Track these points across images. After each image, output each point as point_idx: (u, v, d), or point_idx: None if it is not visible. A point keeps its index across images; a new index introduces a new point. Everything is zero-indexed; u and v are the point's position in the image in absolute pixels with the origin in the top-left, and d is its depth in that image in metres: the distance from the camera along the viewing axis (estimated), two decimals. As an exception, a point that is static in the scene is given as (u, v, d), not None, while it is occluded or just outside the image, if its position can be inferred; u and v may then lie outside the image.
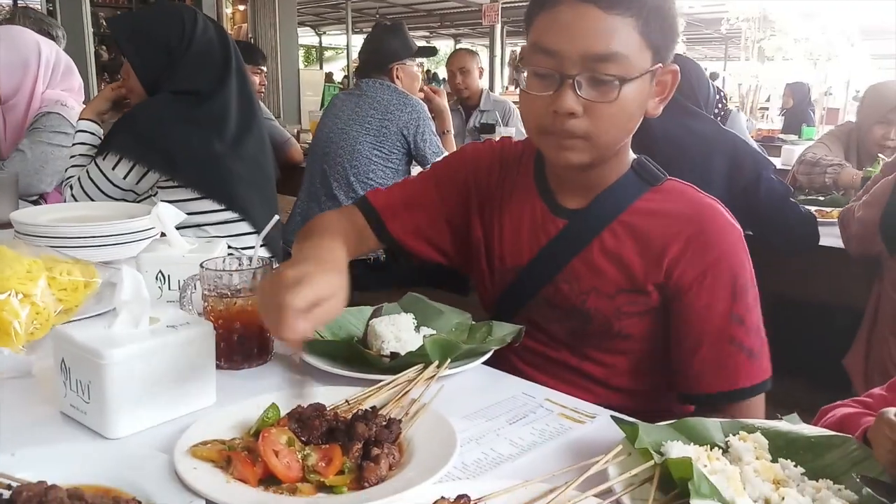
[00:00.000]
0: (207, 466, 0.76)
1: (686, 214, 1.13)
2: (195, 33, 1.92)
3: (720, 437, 0.86)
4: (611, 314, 1.15)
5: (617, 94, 1.01)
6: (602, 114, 1.03)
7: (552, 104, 1.03)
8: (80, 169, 1.95)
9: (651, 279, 1.12)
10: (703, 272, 1.10)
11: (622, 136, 1.10)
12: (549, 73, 1.03)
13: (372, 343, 1.09)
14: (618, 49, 1.00)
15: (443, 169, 1.33)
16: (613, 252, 1.14)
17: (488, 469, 0.82)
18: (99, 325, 0.91)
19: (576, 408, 0.98)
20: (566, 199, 1.19)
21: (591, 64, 1.00)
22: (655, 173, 1.17)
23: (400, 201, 1.28)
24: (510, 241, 1.23)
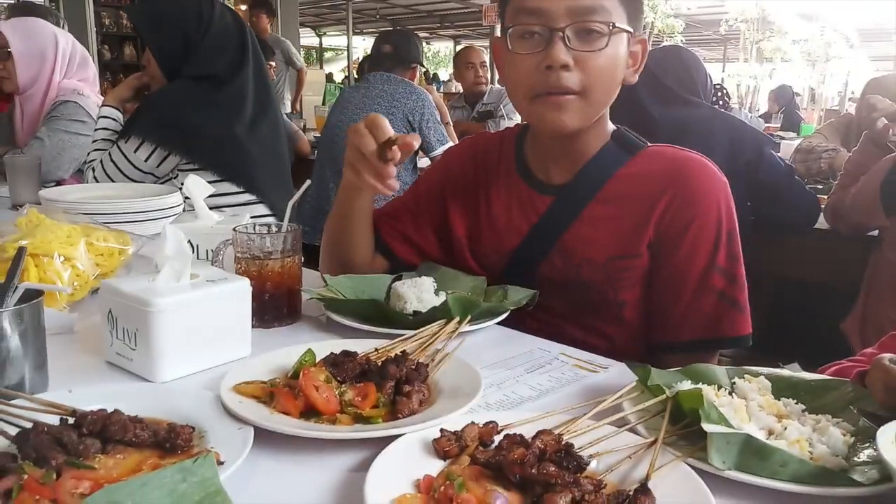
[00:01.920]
0: (251, 401, 0.82)
1: (669, 172, 1.17)
2: (213, 19, 1.99)
3: (726, 380, 0.92)
4: (605, 283, 1.20)
5: (606, 42, 1.07)
6: (593, 65, 1.08)
7: (543, 60, 1.07)
8: (103, 153, 2.01)
9: (643, 240, 1.17)
10: (688, 223, 1.14)
11: (611, 92, 1.15)
12: (537, 31, 1.08)
13: (395, 304, 1.15)
14: (603, 3, 1.07)
15: (420, 180, 1.44)
16: (603, 220, 1.19)
17: (510, 408, 0.88)
18: (144, 279, 0.97)
19: (590, 360, 1.04)
20: (551, 176, 1.24)
21: (578, 16, 1.06)
22: (636, 141, 1.23)
23: (384, 213, 1.39)
24: (502, 225, 1.28)
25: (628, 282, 1.20)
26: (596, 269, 1.20)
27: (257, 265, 1.11)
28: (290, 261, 1.13)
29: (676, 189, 1.16)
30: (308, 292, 1.16)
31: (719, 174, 1.19)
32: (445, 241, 1.37)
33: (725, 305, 1.15)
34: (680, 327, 1.17)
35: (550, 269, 1.23)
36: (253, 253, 1.11)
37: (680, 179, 1.16)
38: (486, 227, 1.31)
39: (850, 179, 2.24)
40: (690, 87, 2.33)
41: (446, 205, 1.36)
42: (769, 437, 0.79)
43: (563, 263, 1.22)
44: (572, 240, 1.21)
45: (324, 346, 0.96)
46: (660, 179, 1.17)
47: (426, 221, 1.37)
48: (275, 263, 1.11)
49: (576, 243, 1.21)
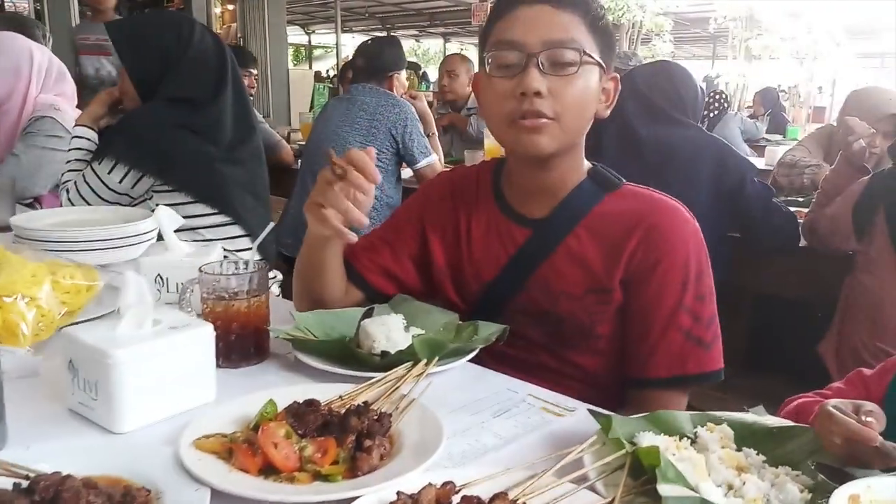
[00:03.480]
0: (211, 458, 0.82)
1: (642, 211, 1.20)
2: (192, 42, 1.97)
3: (689, 428, 0.92)
4: (582, 315, 1.22)
5: (577, 70, 1.11)
6: (565, 92, 1.12)
7: (518, 87, 1.11)
8: (77, 174, 2.00)
9: (615, 276, 1.19)
10: (657, 262, 1.17)
11: (583, 121, 1.18)
12: (514, 61, 1.12)
13: (363, 342, 1.14)
14: (574, 36, 1.12)
15: (401, 210, 1.45)
16: (578, 255, 1.22)
17: (473, 459, 0.88)
18: (104, 327, 0.96)
19: (557, 402, 1.04)
20: (528, 210, 1.26)
21: (552, 48, 1.11)
22: (612, 180, 1.25)
23: (361, 246, 1.36)
24: (479, 256, 1.30)
25: (605, 315, 1.22)
26: (573, 301, 1.22)
27: (223, 305, 1.10)
28: (257, 300, 1.12)
29: (647, 229, 1.18)
30: (275, 332, 1.15)
31: (691, 219, 1.22)
32: (425, 272, 1.37)
33: (691, 344, 1.17)
34: (648, 364, 1.19)
35: (528, 300, 1.25)
36: (219, 294, 1.10)
37: (649, 220, 1.19)
38: (465, 256, 1.32)
39: (826, 199, 2.25)
40: (679, 105, 2.33)
41: (426, 235, 1.36)
42: (728, 493, 0.79)
43: (541, 295, 1.24)
44: (549, 272, 1.23)
45: (288, 392, 0.96)
46: (631, 219, 1.20)
47: (405, 252, 1.37)
48: (241, 304, 1.11)
49: (553, 276, 1.23)
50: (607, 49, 1.18)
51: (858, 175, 2.18)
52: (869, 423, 0.81)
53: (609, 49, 1.19)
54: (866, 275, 2.04)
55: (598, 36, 1.15)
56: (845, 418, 0.82)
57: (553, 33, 1.12)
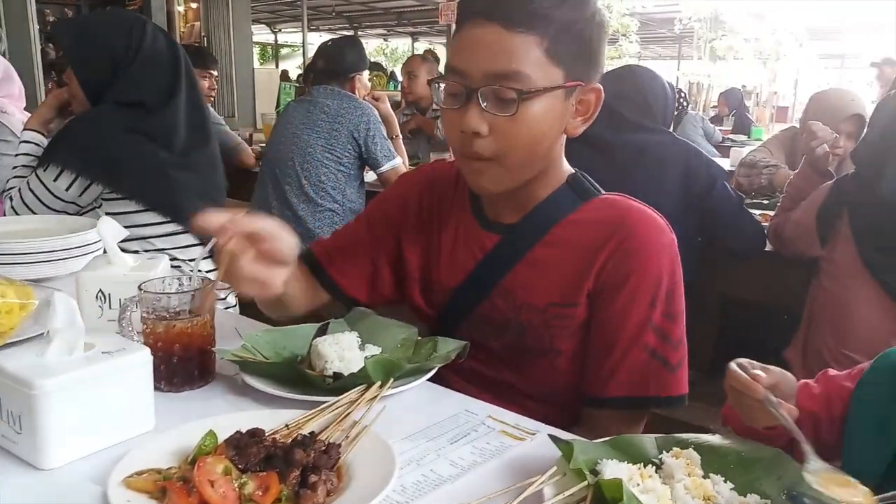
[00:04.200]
0: (142, 498, 0.76)
1: (615, 221, 1.12)
2: (143, 43, 1.88)
3: (654, 452, 0.88)
4: (542, 328, 1.15)
5: (516, 108, 1.01)
6: (507, 131, 1.03)
7: (460, 123, 1.04)
8: (22, 180, 1.90)
9: (583, 289, 1.12)
10: (627, 276, 1.09)
11: (533, 156, 1.08)
12: (458, 92, 1.05)
13: (315, 363, 1.09)
14: (518, 67, 1.00)
15: (374, 208, 1.34)
16: (546, 264, 1.15)
17: (427, 491, 0.83)
18: (31, 353, 0.89)
19: (517, 424, 1.00)
20: (499, 214, 1.19)
21: (493, 81, 1.01)
22: (589, 188, 1.18)
23: (337, 247, 1.30)
24: (447, 262, 1.24)
25: (565, 331, 1.15)
26: (535, 313, 1.16)
27: (164, 325, 1.04)
28: (201, 319, 1.06)
29: (620, 239, 1.11)
30: (221, 353, 1.09)
31: (668, 231, 1.14)
32: (398, 276, 1.30)
33: (656, 364, 1.10)
34: (608, 384, 1.12)
35: (491, 310, 1.19)
36: (159, 313, 1.04)
37: (625, 229, 1.11)
38: (434, 262, 1.26)
39: (791, 203, 2.24)
40: (647, 112, 2.28)
41: (401, 237, 1.29)
42: (695, 525, 0.75)
43: (505, 305, 1.18)
44: (515, 282, 1.17)
45: (232, 420, 0.90)
46: (606, 228, 1.12)
47: (381, 254, 1.30)
48: (183, 323, 1.04)
49: (517, 286, 1.17)
50: (583, 61, 1.06)
51: (822, 180, 2.17)
52: (757, 377, 0.89)
53: (586, 60, 1.06)
54: (831, 280, 2.03)
55: (566, 52, 1.03)
56: (737, 371, 0.90)
57: (497, 63, 1.00)
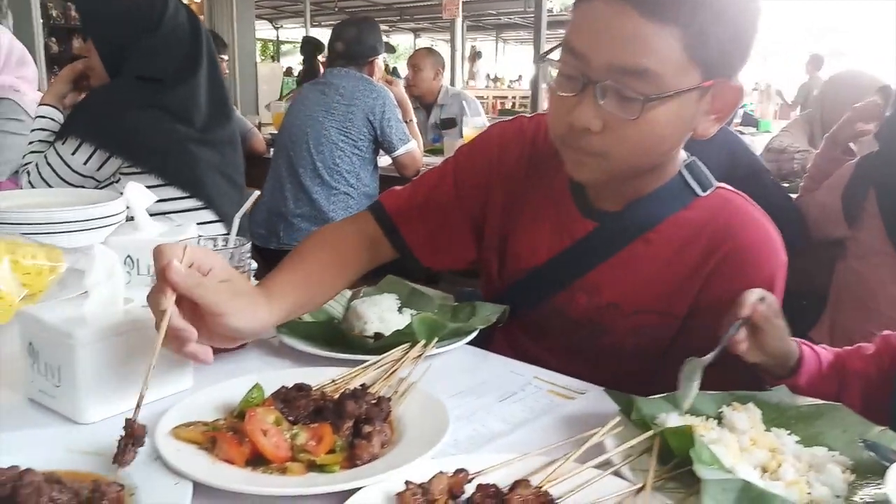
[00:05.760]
0: (191, 448, 0.73)
1: (726, 227, 1.00)
2: (164, 16, 1.86)
3: (712, 408, 0.85)
4: (626, 336, 1.04)
5: (640, 112, 0.87)
6: (623, 133, 0.89)
7: (570, 113, 0.90)
8: (39, 155, 1.87)
9: (681, 300, 1.01)
10: (729, 298, 0.93)
11: (648, 158, 0.96)
12: (573, 76, 0.90)
13: (354, 324, 1.06)
14: (649, 65, 0.85)
15: (463, 161, 1.18)
16: (643, 264, 1.02)
17: (481, 445, 0.80)
18: (69, 306, 0.86)
19: (565, 385, 0.97)
20: (600, 199, 1.06)
21: (617, 76, 0.86)
22: (705, 180, 1.05)
23: (415, 205, 1.15)
24: (531, 237, 1.11)
25: (653, 342, 1.04)
26: (620, 317, 1.04)
27: (201, 285, 1.01)
28: (238, 279, 1.03)
29: (731, 250, 0.99)
30: (258, 313, 1.06)
31: (781, 247, 1.03)
32: (479, 241, 1.17)
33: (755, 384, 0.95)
34: None
35: (569, 303, 1.07)
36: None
37: (737, 239, 0.99)
38: (515, 233, 1.13)
39: (813, 183, 2.22)
40: None
41: (489, 193, 1.14)
42: (763, 476, 0.73)
43: (587, 302, 1.06)
44: (603, 278, 1.04)
45: (274, 377, 0.87)
46: (717, 234, 1.00)
47: (464, 213, 1.15)
48: (220, 283, 1.01)
49: (605, 283, 1.04)
50: (729, 57, 0.89)
51: (845, 158, 2.14)
52: None
53: (732, 55, 0.90)
54: (858, 260, 2.00)
55: (710, 49, 0.86)
56: None
57: (624, 55, 0.85)
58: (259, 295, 0.90)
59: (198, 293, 0.79)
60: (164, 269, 0.77)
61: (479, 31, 20.10)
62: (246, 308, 0.84)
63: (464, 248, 1.17)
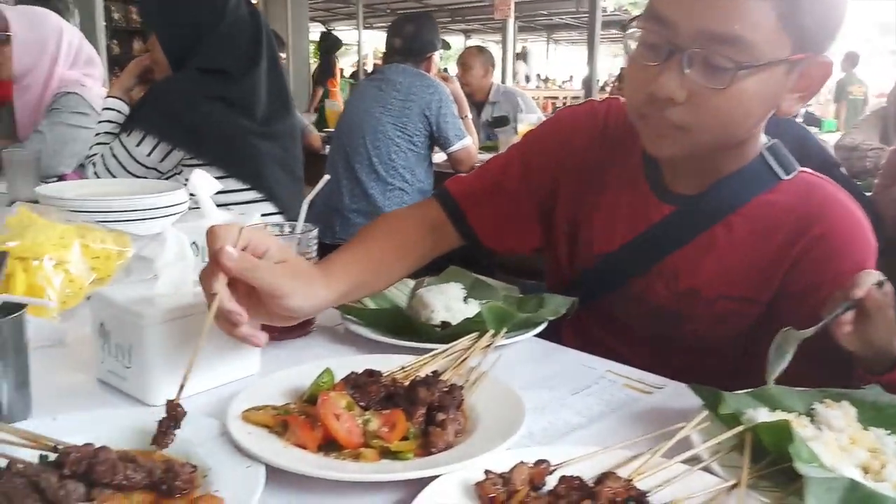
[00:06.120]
0: (262, 431, 0.72)
1: (816, 212, 0.96)
2: (226, 10, 1.88)
3: (802, 406, 0.80)
4: (710, 323, 1.01)
5: (730, 82, 0.84)
6: (708, 104, 0.86)
7: (652, 83, 0.87)
8: (105, 146, 1.91)
9: (766, 285, 0.97)
10: (820, 282, 0.92)
11: (731, 136, 0.93)
12: (657, 44, 0.87)
13: (420, 312, 1.04)
14: (743, 32, 0.82)
15: (531, 145, 1.17)
16: (725, 249, 0.99)
17: (557, 438, 0.77)
18: (140, 288, 0.86)
19: (641, 378, 0.93)
20: (677, 183, 1.02)
21: (707, 43, 0.83)
22: (788, 163, 1.01)
23: (481, 189, 1.13)
24: (605, 223, 1.08)
25: (735, 328, 1.01)
26: (701, 304, 1.00)
27: (268, 270, 1.00)
28: (304, 266, 1.02)
29: (819, 235, 0.95)
30: (324, 300, 1.04)
31: (870, 231, 0.98)
32: (548, 224, 1.15)
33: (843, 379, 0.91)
34: None
35: (647, 289, 1.04)
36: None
37: (825, 225, 0.95)
38: (587, 219, 1.10)
39: (890, 180, 2.12)
40: None
41: (558, 179, 1.12)
42: (865, 477, 0.68)
43: (664, 288, 1.03)
44: (682, 263, 1.01)
45: (342, 363, 0.85)
46: (803, 218, 0.96)
47: (532, 198, 1.13)
48: (287, 268, 1.00)
49: (685, 269, 1.01)
50: (818, 28, 0.86)
51: None
52: None
53: (824, 27, 0.87)
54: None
55: (804, 19, 0.84)
56: None
57: (716, 21, 0.82)
58: (317, 273, 0.88)
59: (252, 276, 0.78)
60: (216, 254, 0.76)
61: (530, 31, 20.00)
62: (303, 287, 0.82)
63: (529, 233, 1.16)
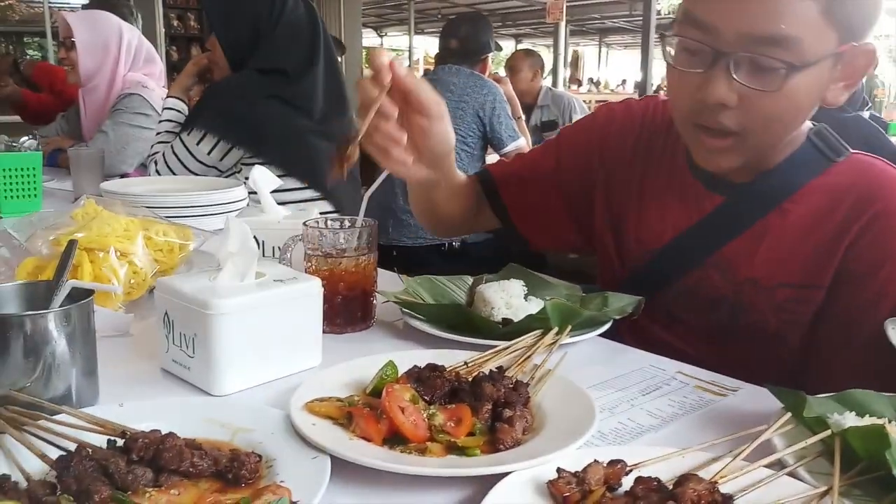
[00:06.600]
0: (326, 423, 0.70)
1: (872, 189, 0.94)
2: (284, 10, 1.90)
3: (891, 412, 0.76)
4: (768, 312, 0.99)
5: (782, 83, 0.83)
6: (761, 107, 0.86)
7: (700, 89, 0.86)
8: (166, 145, 1.95)
9: (827, 270, 0.95)
10: (882, 260, 0.91)
11: (787, 132, 0.93)
12: (700, 50, 0.86)
13: (480, 309, 1.02)
14: (789, 31, 0.81)
15: (567, 140, 1.18)
16: (780, 237, 0.97)
17: (630, 439, 0.74)
18: (204, 277, 0.86)
19: (713, 381, 0.89)
20: (726, 172, 1.01)
21: (752, 45, 0.83)
22: (837, 146, 0.99)
23: (517, 171, 1.17)
24: (652, 217, 1.08)
25: (797, 317, 0.98)
26: (761, 293, 0.99)
27: (329, 264, 0.99)
28: (366, 259, 1.01)
29: (876, 214, 0.93)
30: (383, 295, 1.03)
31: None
32: (582, 221, 1.16)
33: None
34: (841, 382, 0.87)
35: (702, 282, 1.03)
36: (325, 250, 0.99)
37: (880, 202, 0.93)
38: (634, 213, 1.10)
39: None
40: None
41: (593, 174, 1.14)
42: (966, 489, 0.63)
43: (721, 279, 1.01)
44: (737, 253, 1.00)
45: (403, 356, 0.83)
46: (858, 198, 0.94)
47: (563, 191, 1.15)
48: (349, 262, 0.99)
49: (741, 258, 1.00)
50: (860, 17, 0.86)
51: None
52: None
53: (865, 16, 0.87)
54: None
55: (847, 9, 0.84)
56: None
57: (758, 22, 0.82)
58: None
59: (418, 87, 0.85)
60: (388, 64, 0.81)
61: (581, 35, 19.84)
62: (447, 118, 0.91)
63: (562, 228, 1.17)
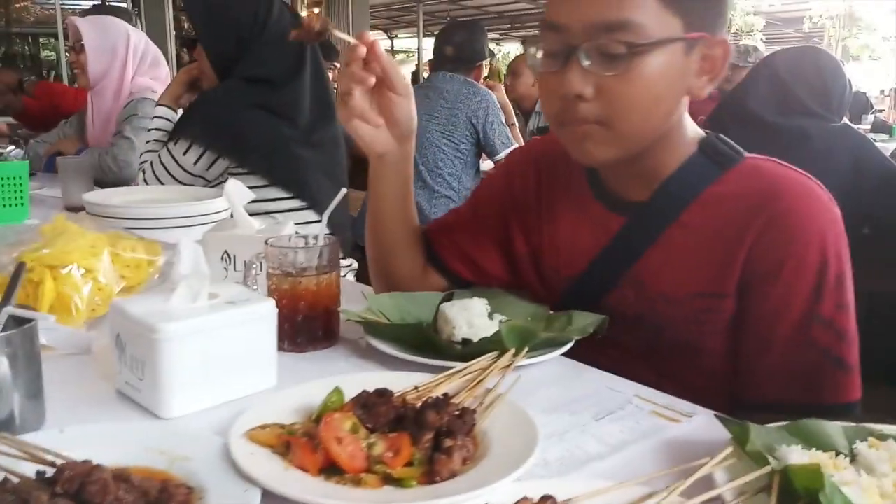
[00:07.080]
0: (265, 452, 0.70)
1: (767, 192, 0.95)
2: (269, 19, 1.90)
3: (843, 443, 0.74)
4: (685, 324, 1.00)
5: (626, 64, 0.87)
6: (618, 94, 0.89)
7: (560, 86, 0.91)
8: (154, 154, 1.95)
9: (729, 278, 0.96)
10: (782, 260, 0.92)
11: (648, 122, 0.94)
12: (557, 51, 0.91)
13: (442, 329, 1.01)
14: (630, 16, 0.87)
15: (481, 187, 1.31)
16: (683, 249, 0.99)
17: (574, 468, 0.73)
18: (156, 300, 0.86)
19: (669, 405, 0.88)
20: (625, 192, 1.04)
21: (598, 34, 0.88)
22: (729, 153, 1.01)
23: (445, 224, 1.26)
24: (565, 247, 1.11)
25: (713, 326, 0.99)
26: (674, 306, 1.00)
27: (289, 282, 0.99)
28: (327, 278, 1.01)
29: (772, 215, 0.93)
30: (346, 313, 1.03)
31: (829, 202, 0.96)
32: (509, 259, 1.20)
33: (829, 366, 0.93)
34: (766, 386, 0.95)
35: (620, 302, 1.05)
36: (285, 269, 0.99)
37: (778, 203, 0.94)
38: (547, 246, 1.14)
39: None
40: (823, 99, 2.06)
41: (507, 218, 1.19)
42: (908, 528, 0.62)
43: (636, 296, 1.03)
44: (646, 269, 1.02)
45: (358, 379, 0.83)
46: (753, 202, 0.95)
47: (486, 236, 1.21)
48: (310, 281, 0.99)
49: (650, 274, 1.02)
50: (706, 9, 0.92)
51: None
52: None
53: (710, 8, 0.92)
54: None
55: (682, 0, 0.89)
56: None
57: (601, 13, 0.88)
58: None
59: (394, 69, 0.99)
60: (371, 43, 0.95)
61: (591, 37, 19.75)
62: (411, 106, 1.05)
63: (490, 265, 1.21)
